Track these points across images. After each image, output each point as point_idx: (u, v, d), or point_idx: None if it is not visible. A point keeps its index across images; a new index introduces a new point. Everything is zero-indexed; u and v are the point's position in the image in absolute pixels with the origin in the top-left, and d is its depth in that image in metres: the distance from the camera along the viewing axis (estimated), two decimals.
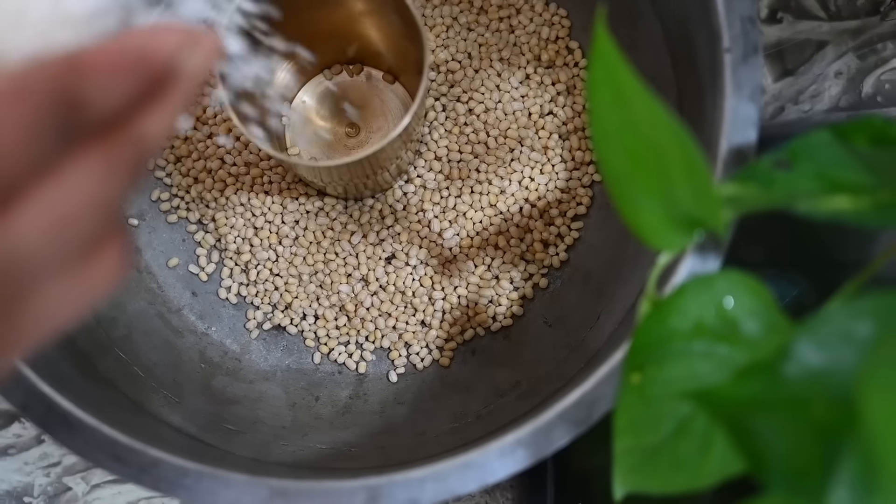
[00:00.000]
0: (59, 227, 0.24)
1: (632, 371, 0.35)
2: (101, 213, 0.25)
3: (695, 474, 0.33)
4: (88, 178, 0.24)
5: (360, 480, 0.44)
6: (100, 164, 0.24)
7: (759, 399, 0.28)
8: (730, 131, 0.44)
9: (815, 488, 0.26)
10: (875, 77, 0.63)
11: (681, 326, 0.34)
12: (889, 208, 0.32)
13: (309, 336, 0.61)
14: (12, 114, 0.22)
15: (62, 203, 0.24)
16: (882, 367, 0.24)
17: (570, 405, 0.44)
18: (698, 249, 0.42)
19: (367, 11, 0.56)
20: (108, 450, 0.44)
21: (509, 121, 0.61)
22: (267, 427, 0.57)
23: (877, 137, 0.35)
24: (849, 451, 0.26)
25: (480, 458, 0.43)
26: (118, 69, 0.24)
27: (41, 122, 0.22)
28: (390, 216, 0.61)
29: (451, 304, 0.60)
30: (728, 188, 0.35)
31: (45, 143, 0.23)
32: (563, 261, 0.60)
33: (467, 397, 0.58)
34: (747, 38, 0.44)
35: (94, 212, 0.25)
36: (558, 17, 0.62)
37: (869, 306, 0.27)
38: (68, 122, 0.23)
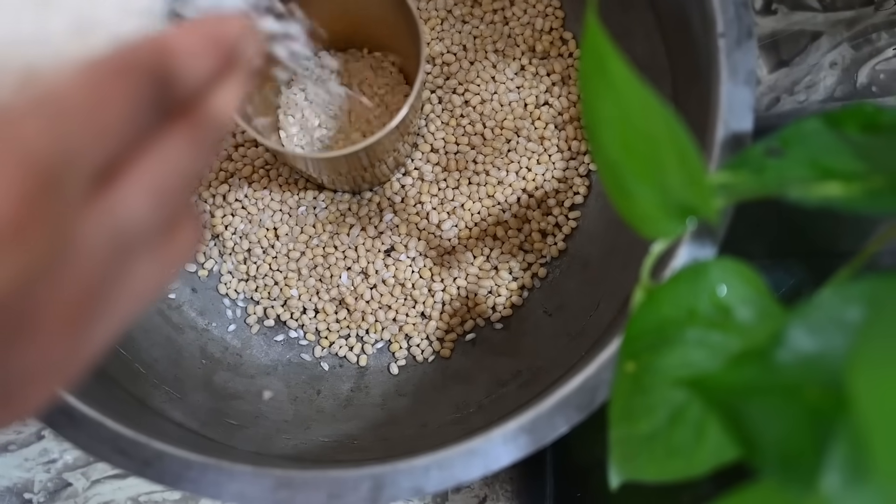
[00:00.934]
0: (158, 200, 0.25)
1: (626, 359, 0.35)
2: (188, 187, 0.27)
3: (689, 462, 0.33)
4: (178, 153, 0.25)
5: (365, 469, 0.44)
6: (186, 139, 0.26)
7: (752, 385, 0.28)
8: (726, 116, 0.44)
9: (808, 473, 0.27)
10: (870, 67, 0.63)
11: (675, 314, 0.34)
12: (880, 194, 0.32)
13: (309, 330, 0.61)
14: (117, 90, 0.23)
15: (160, 176, 0.25)
16: (870, 350, 0.24)
17: (572, 391, 0.44)
18: (695, 237, 0.42)
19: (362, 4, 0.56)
20: (111, 444, 0.45)
21: (505, 112, 0.61)
22: (269, 421, 0.57)
23: (868, 124, 0.35)
24: (840, 435, 0.26)
25: (484, 445, 0.44)
26: (199, 51, 0.26)
27: (140, 99, 0.24)
28: (389, 209, 0.61)
29: (450, 296, 0.60)
30: (720, 176, 0.35)
31: (143, 118, 0.24)
32: (562, 250, 0.61)
33: (469, 388, 0.59)
34: (741, 22, 0.45)
35: (184, 185, 0.26)
36: (552, 7, 0.62)
37: (859, 292, 0.28)
38: (160, 98, 0.24)
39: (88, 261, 0.23)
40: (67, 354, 0.24)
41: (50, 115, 0.22)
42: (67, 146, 0.22)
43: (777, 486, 0.27)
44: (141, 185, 0.24)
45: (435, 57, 0.62)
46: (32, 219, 0.21)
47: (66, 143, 0.22)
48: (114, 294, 0.25)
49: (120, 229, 0.24)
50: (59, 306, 0.23)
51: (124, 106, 0.23)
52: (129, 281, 0.25)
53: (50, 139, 0.21)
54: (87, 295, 0.23)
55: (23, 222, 0.20)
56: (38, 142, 0.21)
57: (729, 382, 0.28)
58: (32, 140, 0.21)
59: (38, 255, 0.21)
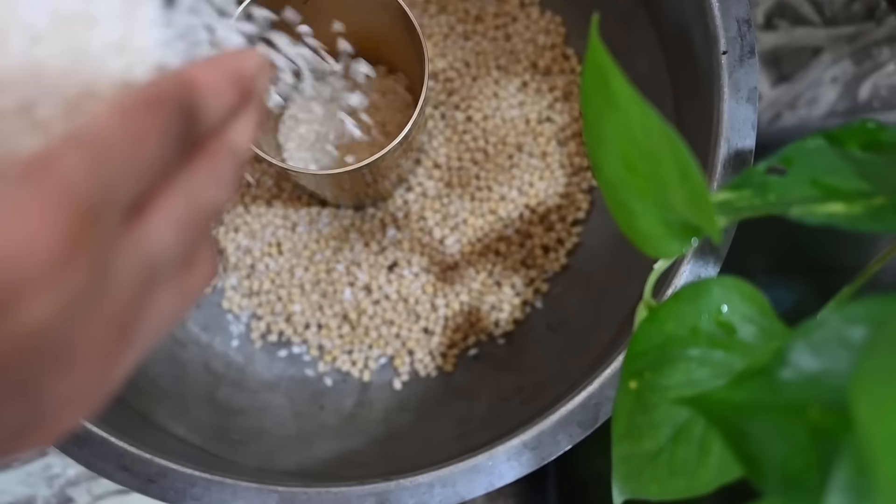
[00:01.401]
0: (183, 232, 0.25)
1: (629, 377, 0.35)
2: (210, 219, 0.27)
3: (693, 480, 0.33)
4: (202, 186, 0.26)
5: (369, 486, 0.44)
6: (209, 172, 0.26)
7: (754, 404, 0.28)
8: (728, 133, 0.44)
9: (812, 493, 0.27)
10: (871, 82, 0.63)
11: (677, 332, 0.34)
12: (883, 213, 0.32)
13: (312, 345, 0.61)
14: (150, 125, 0.24)
15: (185, 209, 0.25)
16: (872, 370, 0.24)
17: (575, 408, 0.44)
18: (697, 255, 0.43)
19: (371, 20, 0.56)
20: (115, 461, 0.45)
21: (508, 128, 0.61)
22: (272, 437, 0.58)
23: (870, 142, 0.35)
24: (844, 455, 0.26)
25: (487, 461, 0.44)
26: (222, 87, 0.26)
27: (170, 133, 0.24)
28: (391, 224, 0.61)
29: (453, 311, 0.60)
30: (722, 194, 0.35)
31: (172, 152, 0.25)
32: (564, 265, 0.61)
33: (472, 403, 0.59)
34: (744, 39, 0.45)
35: (207, 217, 0.27)
36: (554, 24, 0.62)
37: (862, 311, 0.28)
38: (186, 133, 0.25)
39: (121, 291, 0.23)
40: (98, 383, 0.24)
41: (90, 151, 0.22)
42: (106, 181, 0.22)
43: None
44: (168, 218, 0.25)
45: (438, 73, 0.62)
46: (76, 252, 0.21)
47: (105, 178, 0.22)
48: (140, 324, 0.25)
49: (149, 261, 0.24)
50: (95, 337, 0.23)
51: (157, 141, 0.24)
52: (152, 311, 0.26)
53: (91, 175, 0.22)
54: (119, 325, 0.24)
55: (67, 256, 0.21)
56: (81, 177, 0.22)
57: (731, 401, 0.28)
58: (75, 176, 0.22)
59: (81, 287, 0.22)
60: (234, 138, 0.28)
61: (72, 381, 0.23)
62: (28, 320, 0.21)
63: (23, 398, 0.22)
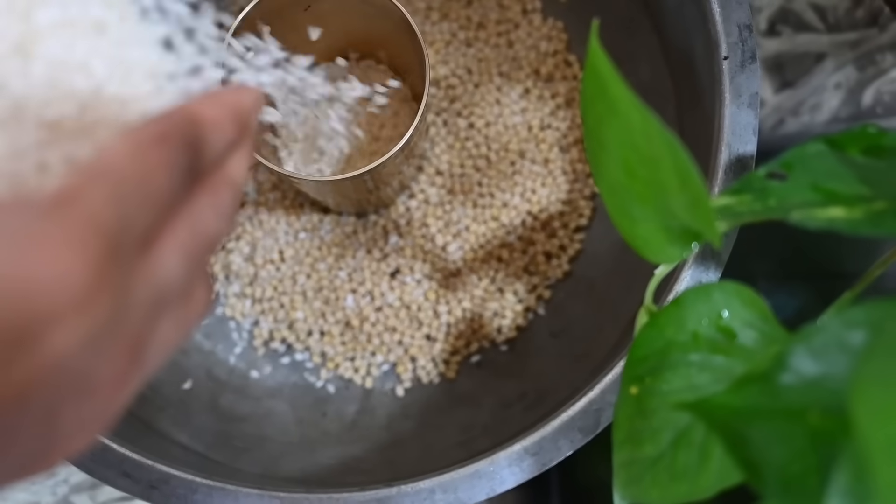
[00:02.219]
0: (189, 262, 0.26)
1: (630, 383, 0.35)
2: (211, 250, 0.28)
3: (694, 485, 0.33)
4: (205, 217, 0.27)
5: (370, 492, 0.44)
6: (211, 203, 0.27)
7: (755, 408, 0.28)
8: (730, 139, 0.44)
9: (811, 497, 0.27)
10: (874, 88, 0.63)
11: (678, 337, 0.34)
12: (883, 218, 0.32)
13: (315, 352, 0.61)
14: (161, 158, 0.24)
15: (190, 239, 0.26)
16: (871, 374, 0.24)
17: (576, 414, 0.44)
18: (698, 260, 0.42)
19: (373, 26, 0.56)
20: (117, 467, 0.45)
21: (510, 134, 0.61)
22: (275, 443, 0.58)
23: (871, 147, 0.35)
24: (843, 459, 0.26)
25: (488, 467, 0.44)
26: (224, 121, 0.27)
27: (178, 165, 0.25)
28: (394, 231, 0.61)
29: (455, 318, 0.60)
30: (722, 200, 0.35)
31: (179, 184, 0.25)
32: (567, 272, 0.61)
33: (474, 410, 0.59)
34: (745, 45, 0.45)
35: (209, 248, 0.27)
36: (556, 30, 0.62)
37: (862, 315, 0.28)
38: (191, 165, 0.26)
39: (135, 320, 0.24)
40: (109, 408, 0.25)
41: (110, 185, 0.23)
42: (125, 214, 0.23)
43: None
44: (176, 249, 0.25)
45: (440, 80, 0.62)
46: (102, 284, 0.22)
47: (124, 211, 0.23)
48: (149, 351, 0.26)
49: (159, 290, 0.25)
50: (111, 365, 0.24)
51: (167, 174, 0.24)
52: (158, 338, 0.26)
53: (112, 208, 0.23)
54: (132, 352, 0.25)
55: (94, 288, 0.22)
56: (104, 211, 0.22)
57: (732, 406, 0.28)
58: (99, 210, 0.22)
59: (104, 318, 0.22)
60: (233, 171, 0.28)
61: (87, 408, 0.24)
62: (53, 351, 0.21)
63: (40, 426, 0.23)
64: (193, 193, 0.26)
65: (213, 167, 0.28)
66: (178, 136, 0.25)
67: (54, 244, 0.21)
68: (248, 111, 0.29)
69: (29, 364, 0.21)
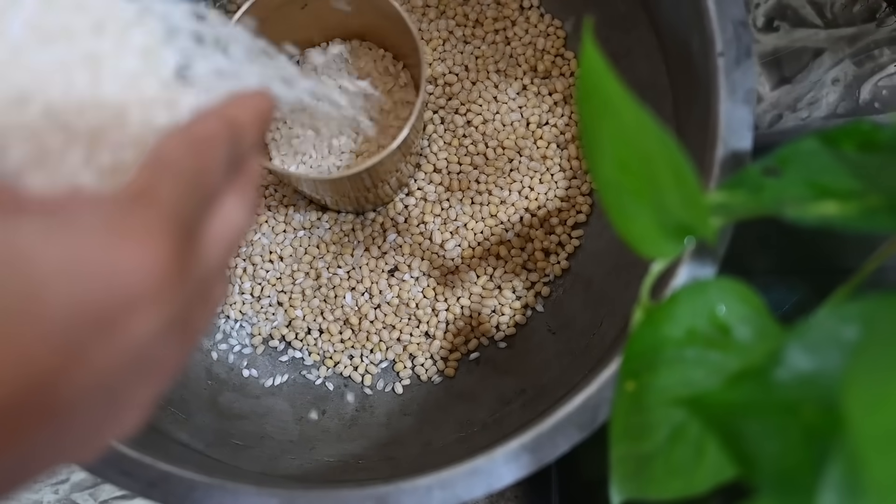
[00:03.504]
0: (226, 255, 0.28)
1: (626, 378, 0.35)
2: (240, 242, 0.30)
3: (689, 480, 0.33)
4: (237, 210, 0.28)
5: (369, 489, 0.44)
6: (242, 198, 0.29)
7: (749, 404, 0.28)
8: (725, 135, 0.44)
9: (805, 491, 0.27)
10: (872, 83, 0.63)
11: (674, 333, 0.35)
12: (877, 213, 0.32)
13: (314, 350, 0.61)
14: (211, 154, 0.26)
15: (227, 233, 0.28)
16: (864, 369, 0.24)
17: (573, 410, 0.44)
18: (694, 256, 0.43)
19: (370, 24, 0.57)
20: (116, 465, 0.45)
21: (507, 131, 0.61)
22: (274, 441, 0.58)
23: (865, 142, 0.35)
24: (836, 453, 0.26)
25: (486, 464, 0.44)
26: (254, 123, 0.29)
27: (222, 163, 0.27)
28: (392, 229, 0.61)
29: (454, 315, 0.60)
30: (717, 196, 0.35)
31: (222, 181, 0.27)
32: (565, 269, 0.61)
33: (473, 407, 0.59)
34: (740, 41, 0.45)
35: (239, 241, 0.29)
36: (553, 27, 0.62)
37: (856, 311, 0.28)
38: (229, 164, 0.28)
39: (190, 308, 0.26)
40: (160, 391, 0.26)
41: (176, 181, 0.25)
42: (189, 208, 0.25)
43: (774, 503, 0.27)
44: (217, 240, 0.27)
45: (437, 77, 0.62)
46: (175, 273, 0.24)
47: (188, 205, 0.25)
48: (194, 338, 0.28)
49: (205, 280, 0.27)
50: (172, 349, 0.25)
51: (217, 170, 0.26)
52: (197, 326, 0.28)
53: (181, 202, 0.24)
54: (186, 339, 0.26)
55: (170, 277, 0.23)
56: (175, 204, 0.24)
57: (727, 401, 0.29)
58: (172, 203, 0.24)
59: (176, 305, 0.24)
60: (254, 169, 0.30)
61: (144, 391, 0.25)
62: (133, 337, 0.23)
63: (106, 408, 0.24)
64: (226, 190, 0.28)
65: (241, 165, 0.29)
66: (222, 136, 0.27)
67: (137, 236, 0.23)
68: (268, 115, 0.31)
69: (110, 349, 0.22)
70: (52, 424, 0.22)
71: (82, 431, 0.24)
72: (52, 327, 0.21)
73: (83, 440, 0.24)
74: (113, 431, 0.25)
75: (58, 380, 0.21)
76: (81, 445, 0.25)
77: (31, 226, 0.21)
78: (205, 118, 0.27)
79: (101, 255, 0.22)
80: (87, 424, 0.24)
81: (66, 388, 0.22)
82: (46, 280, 0.21)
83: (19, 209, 0.22)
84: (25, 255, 0.21)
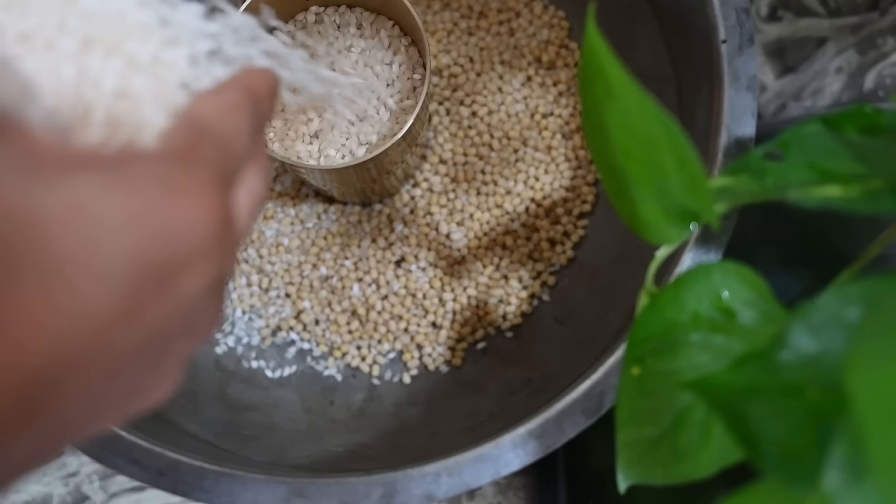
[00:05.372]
0: (251, 221, 0.29)
1: (632, 363, 0.35)
2: (258, 211, 0.30)
3: (695, 464, 0.33)
4: (256, 181, 0.29)
5: (377, 476, 0.44)
6: (258, 169, 0.29)
7: (754, 386, 0.28)
8: (728, 122, 0.44)
9: (810, 472, 0.27)
10: (876, 72, 0.63)
11: (679, 318, 0.35)
12: (879, 196, 0.32)
13: (322, 341, 0.61)
14: (242, 121, 0.27)
15: (253, 199, 0.28)
16: (866, 349, 0.24)
17: (579, 396, 0.44)
18: (699, 242, 0.43)
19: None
20: (126, 454, 0.45)
21: (512, 122, 0.62)
22: (283, 432, 0.58)
23: (867, 126, 0.35)
24: (841, 434, 0.26)
25: (493, 451, 0.44)
26: (270, 95, 0.30)
27: (248, 131, 0.27)
28: (398, 220, 0.61)
29: (461, 305, 0.61)
30: (720, 180, 0.35)
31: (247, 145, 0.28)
32: (571, 258, 0.61)
33: (480, 396, 0.59)
34: (742, 28, 0.45)
35: (258, 210, 0.29)
36: (557, 18, 0.63)
37: (858, 292, 0.28)
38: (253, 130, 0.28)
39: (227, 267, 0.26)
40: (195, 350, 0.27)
41: (215, 142, 0.25)
42: (226, 170, 0.25)
43: (779, 485, 0.28)
44: (243, 206, 0.28)
45: (442, 69, 0.62)
46: (225, 229, 0.24)
47: (226, 167, 0.25)
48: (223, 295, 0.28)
49: (238, 243, 0.27)
50: (213, 306, 0.26)
51: (245, 137, 0.27)
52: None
53: (220, 164, 0.25)
54: (223, 298, 0.27)
55: (220, 232, 0.24)
56: (218, 164, 0.25)
57: (731, 384, 0.29)
58: (214, 163, 0.25)
59: (223, 261, 0.24)
60: (266, 143, 0.30)
61: (186, 348, 0.26)
62: (185, 292, 0.23)
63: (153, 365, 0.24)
64: (248, 161, 0.28)
65: (258, 138, 0.30)
66: (246, 105, 0.27)
67: (192, 193, 0.23)
68: (277, 90, 0.31)
69: (164, 305, 0.23)
70: (104, 381, 0.22)
71: (127, 390, 0.24)
72: (114, 281, 0.21)
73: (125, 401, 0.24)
74: (153, 393, 0.25)
75: (115, 335, 0.21)
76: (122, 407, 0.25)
77: (92, 179, 0.21)
78: (228, 87, 0.28)
79: (160, 209, 0.22)
80: (132, 383, 0.24)
81: (121, 344, 0.22)
82: (110, 233, 0.21)
83: (78, 164, 0.22)
84: (88, 208, 0.21)
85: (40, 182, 0.21)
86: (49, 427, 0.22)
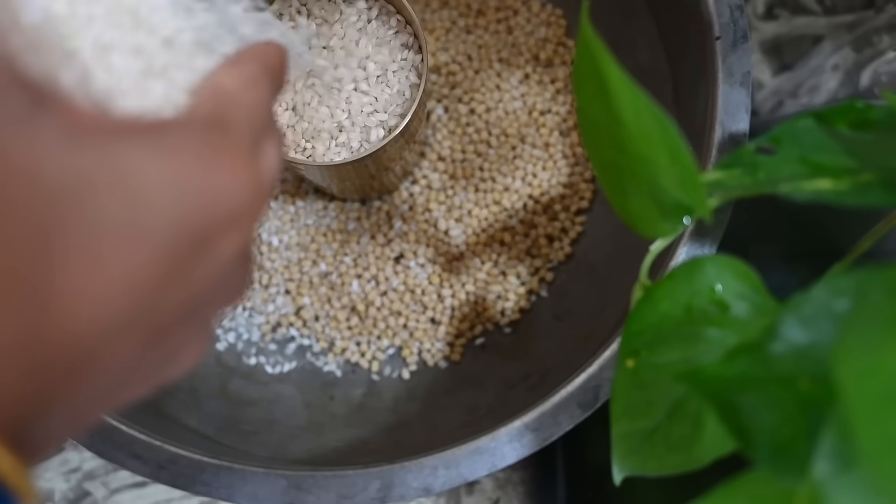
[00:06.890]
0: (271, 188, 0.28)
1: (626, 356, 0.35)
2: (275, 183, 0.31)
3: (689, 455, 0.34)
4: (273, 153, 0.29)
5: (374, 469, 0.45)
6: (275, 142, 0.29)
7: (746, 377, 0.29)
8: (723, 118, 0.45)
9: (800, 461, 0.27)
10: (872, 69, 0.63)
11: (672, 311, 0.35)
12: (869, 189, 0.32)
13: (322, 337, 0.62)
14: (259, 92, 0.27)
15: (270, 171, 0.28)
16: (853, 339, 0.25)
17: (575, 389, 0.45)
18: (693, 236, 0.43)
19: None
20: (126, 448, 0.46)
21: (510, 119, 0.62)
22: (283, 427, 0.58)
23: (858, 121, 0.36)
24: (830, 423, 0.27)
25: (490, 443, 0.44)
26: (284, 69, 0.30)
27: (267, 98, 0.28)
28: (397, 217, 0.62)
29: (459, 301, 0.61)
30: (712, 174, 0.36)
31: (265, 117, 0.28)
32: (569, 254, 0.61)
33: (479, 391, 0.59)
34: (736, 25, 0.45)
35: (273, 184, 0.29)
36: (555, 16, 0.63)
37: (847, 284, 0.28)
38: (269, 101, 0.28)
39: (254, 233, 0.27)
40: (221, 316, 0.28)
41: (238, 113, 0.26)
42: (253, 139, 0.26)
43: (770, 474, 0.28)
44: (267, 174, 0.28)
45: (440, 67, 0.63)
46: (260, 193, 0.25)
47: (252, 136, 0.26)
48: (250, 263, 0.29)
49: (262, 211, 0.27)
50: (244, 271, 0.27)
51: (263, 108, 0.27)
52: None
53: (248, 133, 0.25)
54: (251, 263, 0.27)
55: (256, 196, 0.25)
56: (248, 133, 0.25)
57: (724, 375, 0.29)
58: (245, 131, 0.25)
59: (256, 225, 0.25)
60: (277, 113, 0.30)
61: (218, 312, 0.26)
62: (225, 254, 0.24)
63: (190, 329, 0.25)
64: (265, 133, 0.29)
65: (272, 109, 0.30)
66: (263, 76, 0.28)
67: (229, 159, 0.24)
68: (286, 63, 0.31)
69: (203, 268, 0.23)
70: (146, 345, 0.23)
71: (165, 353, 0.24)
72: (159, 244, 0.22)
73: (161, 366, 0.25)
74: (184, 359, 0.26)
75: (159, 298, 0.22)
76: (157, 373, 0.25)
77: (134, 146, 0.22)
78: (246, 59, 0.28)
79: (201, 175, 0.23)
80: (171, 346, 0.24)
81: (164, 306, 0.22)
82: (154, 197, 0.22)
83: (119, 132, 0.22)
84: (133, 174, 0.21)
85: (85, 149, 0.21)
86: (90, 392, 0.22)
